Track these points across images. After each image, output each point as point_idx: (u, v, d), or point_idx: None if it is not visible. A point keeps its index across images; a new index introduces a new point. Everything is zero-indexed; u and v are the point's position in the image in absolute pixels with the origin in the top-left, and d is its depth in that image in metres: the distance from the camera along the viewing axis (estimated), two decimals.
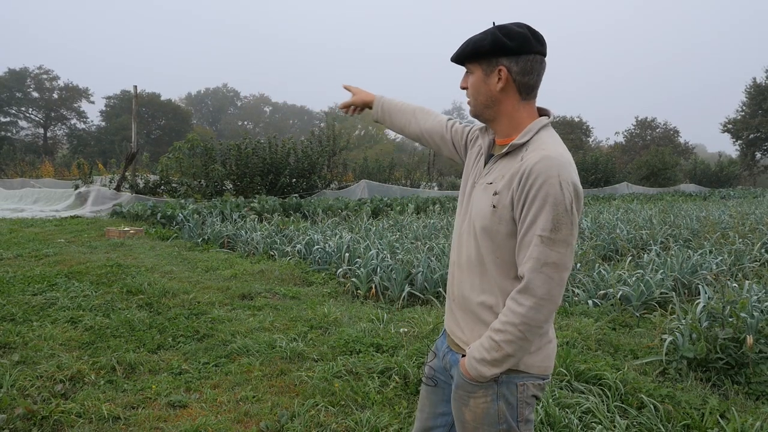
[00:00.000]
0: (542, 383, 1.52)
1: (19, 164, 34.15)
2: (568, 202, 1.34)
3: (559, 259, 1.36)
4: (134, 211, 13.63)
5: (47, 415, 2.98)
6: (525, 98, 1.49)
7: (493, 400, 1.49)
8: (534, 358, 1.48)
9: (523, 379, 1.48)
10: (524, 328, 1.39)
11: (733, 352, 3.54)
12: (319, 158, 20.38)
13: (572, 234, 1.36)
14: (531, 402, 1.51)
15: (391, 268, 6.01)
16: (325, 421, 2.99)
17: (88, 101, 60.09)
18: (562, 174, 1.35)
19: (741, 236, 8.40)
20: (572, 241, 1.37)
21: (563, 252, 1.36)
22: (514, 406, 1.49)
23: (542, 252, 1.36)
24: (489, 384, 1.49)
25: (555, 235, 1.35)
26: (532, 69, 1.46)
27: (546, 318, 1.40)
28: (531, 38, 1.44)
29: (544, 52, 1.47)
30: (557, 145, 1.43)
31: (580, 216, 1.43)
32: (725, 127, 49.67)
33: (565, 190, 1.34)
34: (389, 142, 64.25)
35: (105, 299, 5.32)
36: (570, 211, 1.35)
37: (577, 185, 1.37)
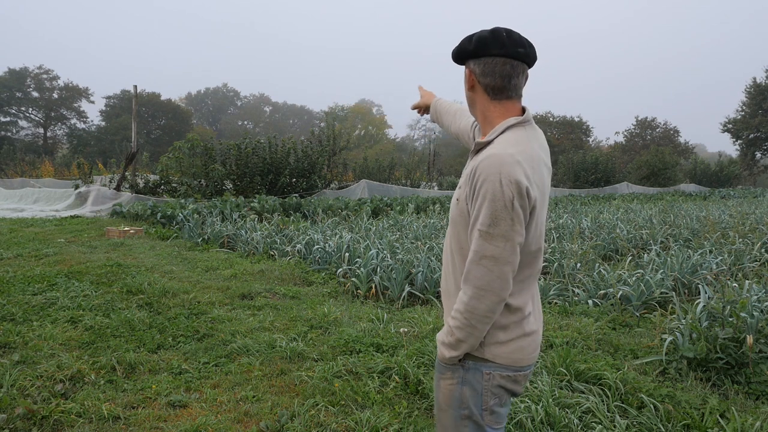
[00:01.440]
0: (513, 375, 1.54)
1: (19, 164, 34.18)
2: (507, 199, 1.39)
3: (498, 253, 1.41)
4: (134, 211, 13.64)
5: (47, 414, 2.98)
6: (495, 98, 1.54)
7: (458, 383, 1.56)
8: (502, 348, 1.52)
9: (490, 368, 1.53)
10: (468, 316, 1.47)
11: (733, 352, 3.54)
12: (319, 158, 20.39)
13: (513, 229, 1.41)
14: (498, 393, 1.54)
15: (391, 268, 6.01)
16: (325, 420, 3.00)
17: (88, 101, 60.21)
18: (503, 172, 1.40)
19: (741, 236, 8.40)
20: (513, 236, 1.41)
21: (501, 246, 1.41)
22: (479, 393, 1.54)
23: (481, 245, 1.43)
24: (456, 367, 1.56)
25: (493, 230, 1.41)
26: (493, 71, 1.51)
27: (489, 308, 1.45)
28: (491, 41, 1.50)
29: (509, 54, 1.50)
30: (512, 144, 1.47)
31: (531, 213, 1.45)
32: (725, 127, 49.69)
33: (505, 188, 1.39)
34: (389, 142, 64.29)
35: (105, 299, 5.32)
36: (510, 207, 1.39)
37: (521, 183, 1.40)
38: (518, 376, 1.56)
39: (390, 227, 10.07)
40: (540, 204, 1.49)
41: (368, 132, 66.46)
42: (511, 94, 1.53)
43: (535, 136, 1.55)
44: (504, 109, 1.55)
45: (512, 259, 1.43)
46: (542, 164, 1.52)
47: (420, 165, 32.14)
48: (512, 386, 1.56)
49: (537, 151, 1.51)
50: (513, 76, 1.51)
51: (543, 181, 1.51)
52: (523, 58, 1.51)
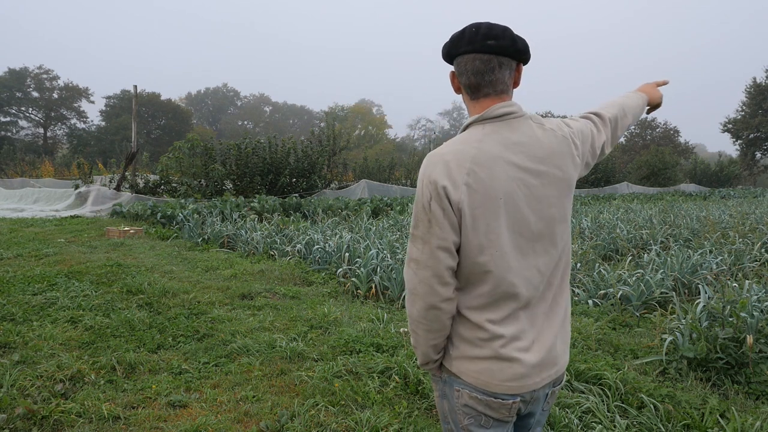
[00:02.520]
0: (483, 398, 1.40)
1: (19, 164, 34.19)
2: (425, 200, 1.33)
3: (418, 256, 1.35)
4: (134, 211, 13.64)
5: (47, 414, 2.98)
6: (473, 98, 1.45)
7: (440, 396, 1.51)
8: (468, 365, 1.41)
9: (459, 385, 1.43)
10: (409, 320, 1.44)
11: (733, 352, 3.54)
12: (319, 158, 20.40)
13: (430, 232, 1.33)
14: (470, 413, 1.42)
15: (391, 267, 6.01)
16: (325, 420, 2.99)
17: (88, 101, 60.23)
18: (425, 172, 1.36)
19: (741, 236, 8.40)
20: (430, 239, 1.33)
21: (420, 249, 1.35)
22: (454, 410, 1.46)
23: (408, 247, 1.40)
24: (436, 379, 1.52)
25: (415, 231, 1.37)
26: (465, 69, 1.42)
27: (420, 313, 1.38)
28: (459, 40, 1.41)
29: (478, 49, 1.38)
30: (453, 143, 1.39)
31: (453, 215, 1.32)
32: (725, 127, 49.68)
33: (425, 188, 1.34)
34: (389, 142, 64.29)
35: (105, 299, 5.32)
36: (427, 209, 1.33)
37: (438, 183, 1.32)
38: (490, 402, 1.39)
39: (390, 227, 10.07)
40: (482, 208, 1.32)
41: (368, 132, 66.43)
42: (488, 92, 1.41)
43: (504, 133, 1.38)
44: (480, 108, 1.43)
45: (432, 263, 1.33)
46: (500, 164, 1.34)
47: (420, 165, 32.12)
48: (485, 410, 1.41)
49: (492, 149, 1.34)
50: (485, 72, 1.39)
51: (492, 183, 1.32)
52: (496, 50, 1.37)
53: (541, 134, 1.42)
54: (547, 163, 1.40)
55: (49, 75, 57.77)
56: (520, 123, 1.40)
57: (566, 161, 1.44)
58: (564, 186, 1.44)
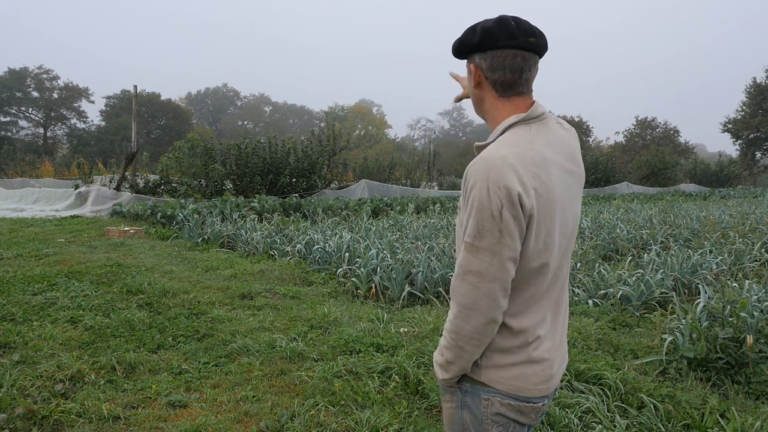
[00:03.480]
0: (515, 404, 1.37)
1: (19, 164, 34.19)
2: (495, 208, 1.24)
3: (484, 269, 1.26)
4: (134, 211, 13.64)
5: (47, 414, 2.99)
6: (503, 95, 1.40)
7: (458, 407, 1.44)
8: (501, 373, 1.37)
9: (489, 393, 1.38)
10: (455, 336, 1.35)
11: (733, 352, 3.54)
12: (319, 158, 20.40)
13: (501, 242, 1.25)
14: (500, 421, 1.39)
15: (391, 267, 6.01)
16: (325, 420, 2.99)
17: (88, 101, 60.23)
18: (491, 177, 1.25)
19: (741, 236, 8.40)
20: (501, 249, 1.25)
21: (488, 261, 1.26)
22: (480, 421, 1.40)
23: (465, 259, 1.30)
24: (454, 390, 1.45)
25: (478, 242, 1.27)
26: (502, 64, 1.36)
27: (476, 329, 1.31)
28: (498, 32, 1.35)
29: (520, 45, 1.34)
30: (508, 145, 1.31)
31: (529, 223, 1.28)
32: (725, 127, 49.68)
33: (492, 195, 1.24)
34: (389, 142, 64.29)
35: (105, 299, 5.32)
36: (497, 217, 1.24)
37: (511, 189, 1.23)
38: (522, 407, 1.38)
39: (390, 227, 10.07)
40: (544, 213, 1.29)
41: (368, 132, 66.44)
42: (521, 90, 1.38)
43: (547, 134, 1.37)
44: (513, 107, 1.39)
45: (501, 275, 1.26)
46: (553, 166, 1.33)
47: (420, 165, 32.13)
48: (516, 416, 1.38)
49: (543, 151, 1.32)
50: (525, 70, 1.36)
51: (551, 187, 1.31)
52: (535, 49, 1.36)
53: (565, 134, 1.43)
54: (575, 162, 1.42)
55: (49, 75, 57.80)
56: (551, 123, 1.40)
57: (581, 160, 1.48)
58: (582, 184, 1.48)
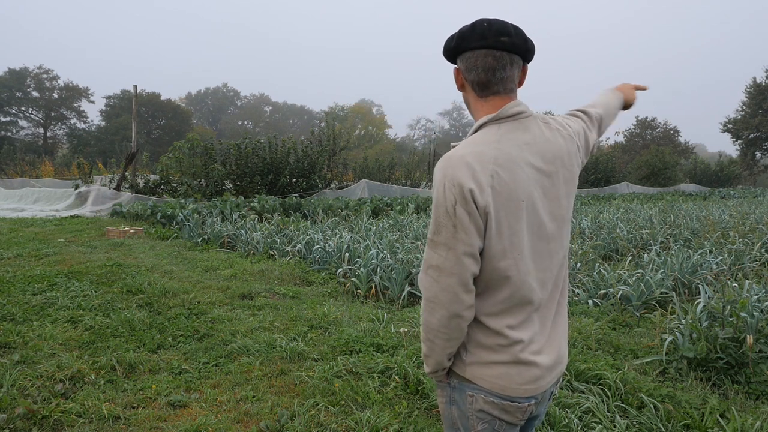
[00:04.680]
0: (499, 402, 1.38)
1: (19, 164, 34.18)
2: (449, 204, 1.27)
3: (441, 263, 1.29)
4: (134, 211, 13.64)
5: (47, 414, 2.99)
6: (481, 95, 1.41)
7: (447, 402, 1.47)
8: (484, 370, 1.38)
9: (473, 390, 1.40)
10: (425, 329, 1.39)
11: (733, 352, 3.54)
12: (319, 158, 20.40)
13: (455, 237, 1.27)
14: (485, 418, 1.40)
15: (391, 267, 6.01)
16: (325, 420, 3.00)
17: (88, 101, 60.20)
18: (447, 175, 1.28)
19: (741, 236, 8.40)
20: (456, 244, 1.27)
21: (444, 255, 1.29)
22: (466, 417, 1.42)
23: (427, 254, 1.33)
24: (443, 385, 1.48)
25: (436, 237, 1.30)
26: (475, 65, 1.38)
27: (441, 323, 1.33)
28: (470, 34, 1.37)
29: (491, 45, 1.36)
30: (471, 144, 1.33)
31: (480, 219, 1.28)
32: (725, 127, 49.67)
33: (447, 192, 1.27)
34: (389, 142, 64.29)
35: (105, 299, 5.32)
36: (452, 213, 1.26)
37: (464, 186, 1.25)
38: (507, 406, 1.38)
39: (390, 227, 10.07)
40: (505, 211, 1.29)
41: (368, 132, 66.43)
42: (498, 89, 1.39)
43: (519, 133, 1.36)
44: (490, 107, 1.40)
45: (457, 270, 1.28)
46: (520, 165, 1.32)
47: (420, 165, 32.11)
48: (500, 414, 1.39)
49: (510, 150, 1.32)
50: (497, 69, 1.36)
51: (515, 185, 1.30)
52: (508, 48, 1.36)
53: (549, 134, 1.41)
54: (556, 164, 1.40)
55: (49, 75, 57.77)
56: (530, 122, 1.39)
57: (573, 160, 1.44)
58: (571, 186, 1.44)
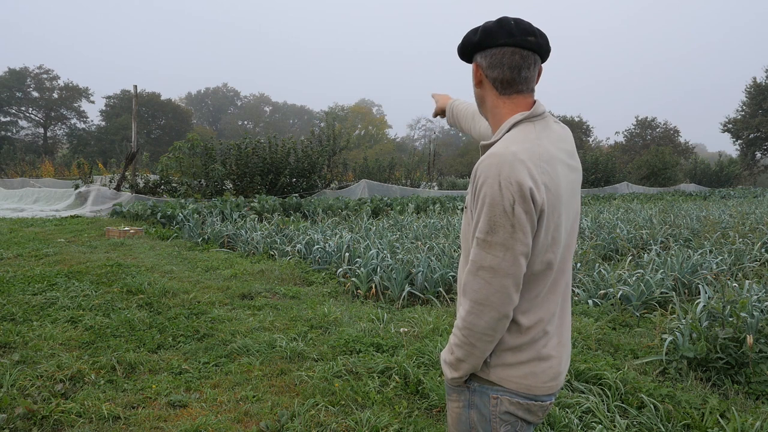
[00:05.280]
0: (524, 403, 1.38)
1: (19, 164, 34.18)
2: (507, 203, 1.25)
3: (497, 264, 1.28)
4: (134, 211, 13.64)
5: (47, 414, 2.99)
6: (503, 93, 1.42)
7: (465, 407, 1.44)
8: (510, 371, 1.37)
9: (497, 392, 1.39)
10: (467, 333, 1.34)
11: (733, 352, 3.54)
12: (319, 158, 20.40)
13: (513, 237, 1.26)
14: (509, 420, 1.39)
15: (391, 267, 6.01)
16: (325, 420, 3.00)
17: (88, 101, 60.12)
18: (503, 173, 1.26)
19: (741, 236, 8.40)
20: (514, 245, 1.27)
21: (501, 256, 1.27)
22: (488, 420, 1.40)
23: (478, 255, 1.30)
24: (461, 389, 1.44)
25: (491, 237, 1.28)
26: (501, 62, 1.38)
27: (489, 325, 1.31)
28: (497, 31, 1.38)
29: (518, 43, 1.37)
30: (516, 141, 1.33)
31: (539, 219, 1.30)
32: (725, 127, 49.63)
33: (504, 190, 1.25)
34: (389, 142, 64.28)
35: (105, 299, 5.32)
36: (510, 212, 1.25)
37: (523, 184, 1.25)
38: (531, 405, 1.38)
39: (390, 227, 10.07)
40: (552, 208, 1.31)
41: (368, 132, 66.42)
42: (521, 88, 1.40)
43: (549, 131, 1.39)
44: (514, 105, 1.40)
45: (513, 270, 1.27)
46: (558, 163, 1.35)
47: (420, 165, 32.13)
48: (524, 415, 1.39)
49: (550, 148, 1.35)
50: (523, 68, 1.38)
51: (558, 183, 1.33)
52: (534, 48, 1.38)
53: (564, 131, 1.47)
54: (575, 159, 1.46)
55: (49, 75, 57.75)
56: (549, 122, 1.43)
57: (578, 157, 1.51)
58: (581, 181, 1.50)
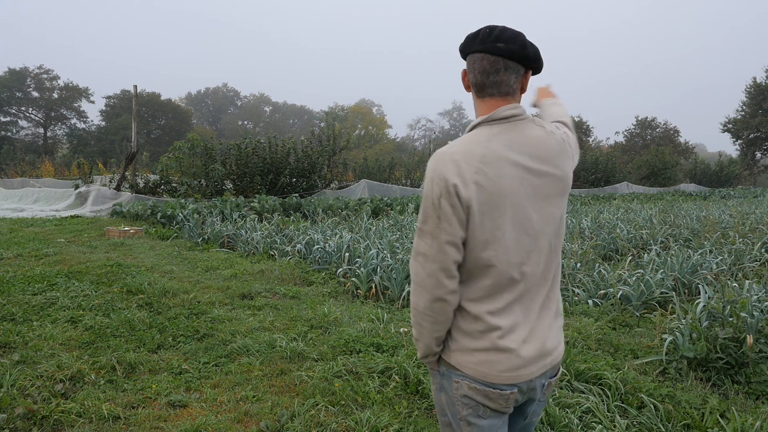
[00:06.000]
0: (482, 389, 1.45)
1: (19, 164, 34.20)
2: (435, 197, 1.38)
3: (427, 251, 1.40)
4: (134, 211, 13.64)
5: (47, 414, 2.99)
6: (479, 96, 1.52)
7: (438, 389, 1.56)
8: (467, 357, 1.46)
9: (458, 376, 1.48)
10: (413, 313, 1.49)
11: (733, 352, 3.54)
12: (319, 158, 20.41)
13: (439, 228, 1.38)
14: (469, 404, 1.47)
15: (391, 267, 6.01)
16: (325, 420, 3.00)
17: (88, 101, 60.09)
18: (436, 169, 1.40)
19: (741, 236, 8.40)
20: (440, 234, 1.38)
21: (428, 243, 1.40)
22: (452, 402, 1.51)
23: (415, 241, 1.45)
24: (434, 372, 1.56)
25: (423, 226, 1.42)
26: (473, 67, 1.49)
27: (426, 306, 1.43)
28: (473, 38, 1.48)
29: (487, 49, 1.45)
30: (461, 142, 1.44)
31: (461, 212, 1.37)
32: (725, 127, 49.62)
33: (434, 185, 1.39)
34: (389, 142, 64.27)
35: (105, 299, 5.32)
36: (437, 205, 1.38)
37: (448, 180, 1.36)
38: (489, 392, 1.45)
39: (390, 227, 10.07)
40: (489, 206, 1.38)
41: (368, 132, 66.41)
42: (492, 92, 1.48)
43: (513, 134, 1.44)
44: (487, 107, 1.49)
45: (440, 258, 1.38)
46: (507, 165, 1.40)
47: (420, 165, 32.05)
48: (483, 401, 1.46)
49: (499, 150, 1.40)
50: (491, 73, 1.45)
51: (499, 183, 1.39)
52: (504, 53, 1.43)
53: (543, 136, 1.48)
54: (548, 164, 1.47)
55: (49, 75, 57.74)
56: (524, 125, 1.47)
57: (565, 162, 1.51)
58: (563, 185, 1.51)
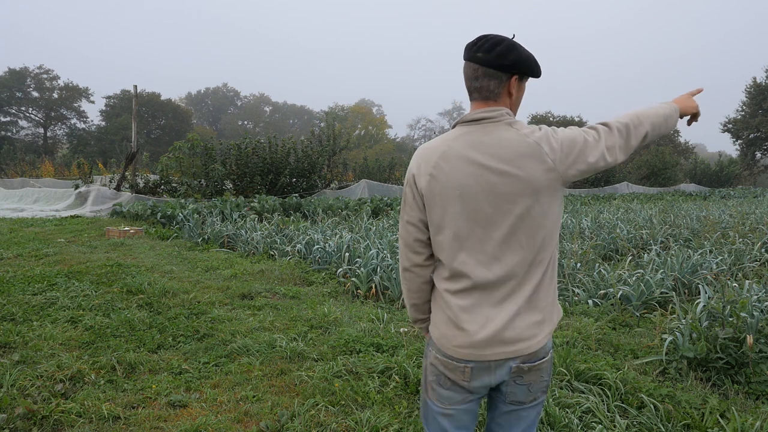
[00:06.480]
0: (442, 359, 1.63)
1: (19, 164, 34.20)
2: (405, 184, 1.68)
3: (400, 229, 1.71)
4: (134, 211, 13.64)
5: (47, 414, 2.99)
6: (469, 98, 1.66)
7: (425, 356, 1.76)
8: (433, 329, 1.69)
9: (431, 345, 1.70)
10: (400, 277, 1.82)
11: (733, 352, 3.54)
12: (319, 158, 20.42)
13: (404, 209, 1.69)
14: (434, 371, 1.67)
15: (391, 267, 6.01)
16: (325, 420, 2.99)
17: (88, 101, 60.07)
18: (411, 162, 1.68)
19: (741, 236, 8.40)
20: (404, 215, 1.68)
21: (400, 224, 1.70)
22: (426, 367, 1.73)
23: None
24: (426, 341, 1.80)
25: (400, 209, 1.72)
26: (463, 73, 1.65)
27: (401, 274, 1.75)
28: (466, 47, 1.62)
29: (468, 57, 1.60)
30: (435, 139, 1.66)
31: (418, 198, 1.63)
32: (725, 127, 49.61)
33: (406, 175, 1.68)
34: (389, 142, 64.25)
35: (105, 299, 5.32)
36: (405, 191, 1.67)
37: (411, 170, 1.65)
38: (448, 363, 1.61)
39: (390, 227, 10.06)
40: (440, 196, 1.57)
41: (368, 132, 66.37)
42: (475, 96, 1.62)
43: (476, 135, 1.56)
44: (471, 109, 1.66)
45: (404, 235, 1.68)
46: (464, 162, 1.55)
47: None
48: (444, 371, 1.63)
49: (460, 148, 1.56)
50: (473, 79, 1.60)
51: (452, 177, 1.55)
52: (481, 62, 1.56)
53: (513, 138, 1.53)
54: (510, 164, 1.52)
55: (49, 75, 57.72)
56: (495, 127, 1.56)
57: (531, 164, 1.51)
58: (527, 186, 1.51)
